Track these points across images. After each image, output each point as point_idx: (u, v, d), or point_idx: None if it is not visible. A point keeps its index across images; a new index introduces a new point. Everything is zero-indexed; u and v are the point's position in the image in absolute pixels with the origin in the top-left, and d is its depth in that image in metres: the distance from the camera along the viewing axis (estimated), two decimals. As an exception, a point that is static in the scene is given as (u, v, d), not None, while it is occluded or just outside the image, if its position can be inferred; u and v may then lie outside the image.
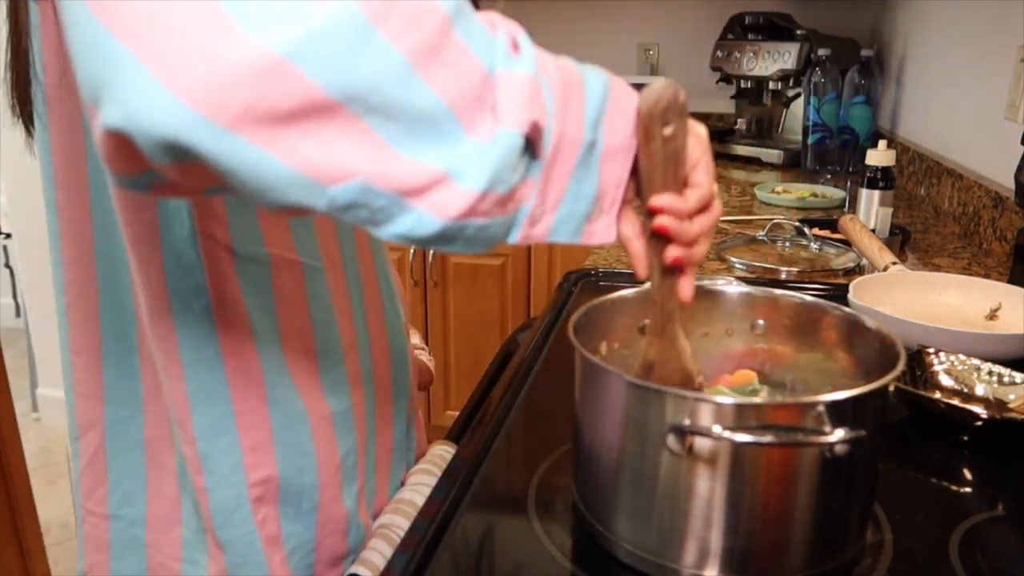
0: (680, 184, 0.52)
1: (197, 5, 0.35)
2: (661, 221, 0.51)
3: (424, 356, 0.91)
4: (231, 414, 0.59)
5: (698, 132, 0.53)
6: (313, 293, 0.62)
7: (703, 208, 0.53)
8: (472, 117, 0.41)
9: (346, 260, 0.67)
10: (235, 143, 0.36)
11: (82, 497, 0.64)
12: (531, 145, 0.44)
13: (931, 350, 0.86)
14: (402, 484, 0.75)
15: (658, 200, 0.51)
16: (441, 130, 0.40)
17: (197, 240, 0.56)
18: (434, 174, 0.40)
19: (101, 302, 0.60)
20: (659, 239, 0.53)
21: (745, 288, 0.70)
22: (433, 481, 0.71)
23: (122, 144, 0.37)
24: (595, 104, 0.47)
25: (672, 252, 0.53)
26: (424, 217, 0.41)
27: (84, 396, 0.62)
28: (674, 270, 0.55)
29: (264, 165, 0.37)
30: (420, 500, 0.68)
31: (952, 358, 0.85)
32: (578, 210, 0.48)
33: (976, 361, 0.84)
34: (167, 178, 0.40)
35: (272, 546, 0.62)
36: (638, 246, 0.53)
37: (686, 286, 0.55)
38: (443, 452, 0.78)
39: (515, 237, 0.46)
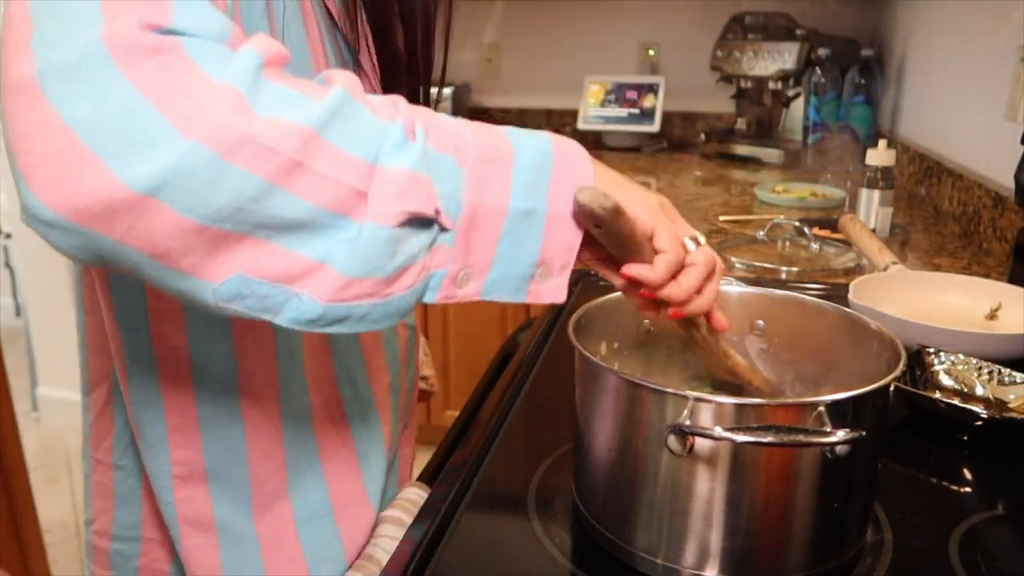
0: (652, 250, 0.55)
1: (53, 134, 0.38)
2: (643, 290, 0.55)
3: (425, 365, 0.90)
4: (159, 393, 0.60)
5: (645, 201, 0.55)
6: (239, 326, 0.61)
7: (680, 269, 0.55)
8: (353, 207, 0.44)
9: None
10: (119, 252, 0.40)
11: (92, 447, 0.68)
12: (434, 222, 0.47)
13: (931, 350, 0.86)
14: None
15: (626, 270, 0.54)
16: (317, 224, 0.43)
17: None
18: (310, 263, 0.43)
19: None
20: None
21: (745, 288, 0.70)
22: (401, 532, 0.66)
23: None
24: (526, 175, 0.49)
25: (669, 310, 0.57)
26: (306, 300, 0.44)
27: (95, 353, 0.65)
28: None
29: (160, 274, 0.42)
30: (385, 556, 0.64)
31: (952, 358, 0.85)
32: (515, 271, 0.50)
33: (976, 361, 0.84)
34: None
35: (192, 527, 0.62)
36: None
37: (717, 319, 0.61)
38: (415, 496, 0.72)
39: (434, 297, 0.49)
